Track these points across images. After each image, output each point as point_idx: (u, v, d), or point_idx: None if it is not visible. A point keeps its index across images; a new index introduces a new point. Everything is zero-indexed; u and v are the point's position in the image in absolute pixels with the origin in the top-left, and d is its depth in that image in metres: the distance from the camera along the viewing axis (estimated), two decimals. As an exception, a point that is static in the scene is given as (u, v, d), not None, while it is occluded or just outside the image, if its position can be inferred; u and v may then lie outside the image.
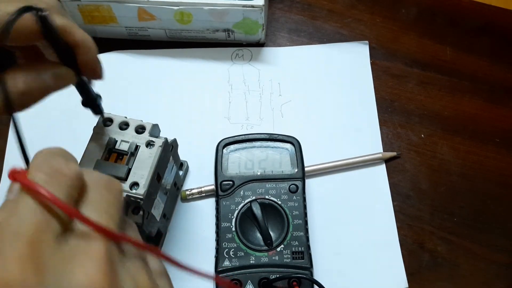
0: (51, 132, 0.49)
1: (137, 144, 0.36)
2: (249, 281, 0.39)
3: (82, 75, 0.31)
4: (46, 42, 0.28)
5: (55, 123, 0.49)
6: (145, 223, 0.36)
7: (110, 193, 0.23)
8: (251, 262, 0.40)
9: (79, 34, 0.29)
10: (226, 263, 0.40)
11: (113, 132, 0.37)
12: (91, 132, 0.37)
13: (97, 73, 0.32)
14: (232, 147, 0.45)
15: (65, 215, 0.20)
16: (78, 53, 0.29)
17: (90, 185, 0.23)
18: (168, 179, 0.41)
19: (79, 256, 0.19)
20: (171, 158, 0.40)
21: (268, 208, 0.42)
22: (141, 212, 0.35)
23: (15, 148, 0.49)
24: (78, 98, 0.34)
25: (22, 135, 0.27)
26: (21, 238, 0.18)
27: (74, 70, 0.30)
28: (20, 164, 0.50)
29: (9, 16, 0.25)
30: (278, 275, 0.39)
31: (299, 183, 0.43)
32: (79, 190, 0.22)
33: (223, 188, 0.43)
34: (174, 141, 0.41)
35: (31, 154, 0.50)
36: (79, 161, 0.36)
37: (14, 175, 0.21)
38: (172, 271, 0.26)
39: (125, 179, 0.35)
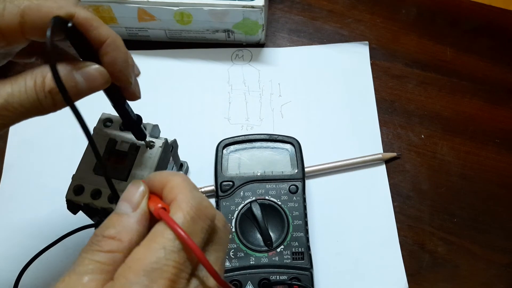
0: (51, 132, 0.49)
1: (137, 145, 0.36)
2: (249, 281, 0.39)
3: (112, 79, 0.27)
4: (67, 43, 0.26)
5: (55, 123, 0.49)
6: (145, 224, 0.36)
7: (227, 236, 0.25)
8: (251, 262, 0.40)
9: (104, 30, 0.26)
10: (226, 263, 0.40)
11: (113, 132, 0.37)
12: (91, 132, 0.37)
13: (125, 77, 0.28)
14: (232, 147, 0.45)
15: (197, 260, 0.22)
16: (103, 52, 0.26)
17: (217, 227, 0.25)
18: (168, 179, 0.41)
19: None
20: (171, 158, 0.40)
21: (268, 208, 0.42)
22: (141, 213, 0.35)
23: (15, 148, 0.49)
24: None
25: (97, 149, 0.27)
26: (166, 275, 0.21)
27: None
28: (19, 164, 0.50)
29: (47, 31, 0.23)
30: (278, 276, 0.39)
31: (299, 183, 0.43)
32: (212, 232, 0.24)
33: (223, 189, 0.43)
34: (174, 141, 0.41)
35: (32, 154, 0.50)
36: (79, 161, 0.36)
37: (160, 214, 0.22)
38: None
39: (125, 180, 0.34)
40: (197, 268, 0.23)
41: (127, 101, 0.32)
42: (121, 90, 0.30)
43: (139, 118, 0.34)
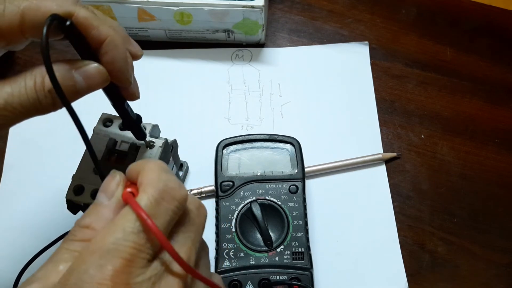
0: (51, 132, 0.49)
1: (137, 145, 0.36)
2: (249, 281, 0.39)
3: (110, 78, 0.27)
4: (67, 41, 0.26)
5: (55, 123, 0.49)
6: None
7: (201, 219, 0.25)
8: (251, 262, 0.40)
9: (104, 29, 0.26)
10: (226, 263, 0.40)
11: (113, 132, 0.37)
12: (91, 132, 0.37)
13: (125, 76, 0.28)
14: (232, 147, 0.45)
15: (159, 244, 0.22)
16: (102, 51, 0.26)
17: (189, 210, 0.25)
18: (168, 179, 0.41)
19: (158, 285, 0.22)
20: (171, 158, 0.40)
21: (268, 208, 0.42)
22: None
23: (15, 148, 0.49)
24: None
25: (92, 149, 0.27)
26: (122, 254, 0.21)
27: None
28: (19, 164, 0.49)
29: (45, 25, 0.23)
30: (278, 276, 0.39)
31: (299, 183, 0.43)
32: (181, 214, 0.24)
33: (223, 189, 0.43)
34: (174, 141, 0.41)
35: (32, 154, 0.50)
36: (79, 162, 0.36)
37: (126, 199, 0.23)
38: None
39: (125, 179, 0.34)
40: (162, 251, 0.23)
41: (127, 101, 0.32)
42: (121, 89, 0.30)
43: (138, 117, 0.34)
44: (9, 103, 0.24)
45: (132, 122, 0.33)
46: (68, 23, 0.24)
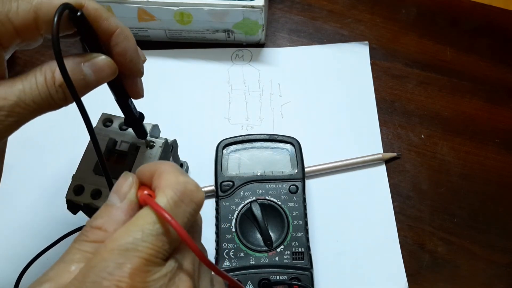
0: (51, 132, 0.49)
1: (137, 145, 0.36)
2: (249, 281, 0.39)
3: (121, 70, 0.28)
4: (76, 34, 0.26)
5: (56, 123, 0.49)
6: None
7: (200, 222, 0.26)
8: (251, 262, 0.40)
9: (114, 20, 0.26)
10: (226, 263, 0.40)
11: (113, 132, 0.37)
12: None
13: (136, 66, 0.28)
14: (232, 147, 0.45)
15: (177, 242, 0.23)
16: (113, 43, 0.26)
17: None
18: (168, 179, 0.41)
19: (173, 281, 0.22)
20: (171, 158, 0.40)
21: (268, 208, 0.42)
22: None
23: (15, 148, 0.49)
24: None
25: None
26: (140, 254, 0.21)
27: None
28: (19, 164, 0.49)
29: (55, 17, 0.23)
30: (278, 276, 0.39)
31: (299, 183, 0.43)
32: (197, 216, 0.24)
33: (223, 189, 0.43)
34: (174, 141, 0.41)
35: (32, 154, 0.50)
36: (79, 162, 0.36)
37: (144, 199, 0.23)
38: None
39: (125, 179, 0.34)
40: (176, 251, 0.23)
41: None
42: (126, 86, 0.30)
43: (141, 115, 0.34)
44: (21, 99, 0.24)
45: (135, 119, 0.33)
46: (79, 13, 0.24)
